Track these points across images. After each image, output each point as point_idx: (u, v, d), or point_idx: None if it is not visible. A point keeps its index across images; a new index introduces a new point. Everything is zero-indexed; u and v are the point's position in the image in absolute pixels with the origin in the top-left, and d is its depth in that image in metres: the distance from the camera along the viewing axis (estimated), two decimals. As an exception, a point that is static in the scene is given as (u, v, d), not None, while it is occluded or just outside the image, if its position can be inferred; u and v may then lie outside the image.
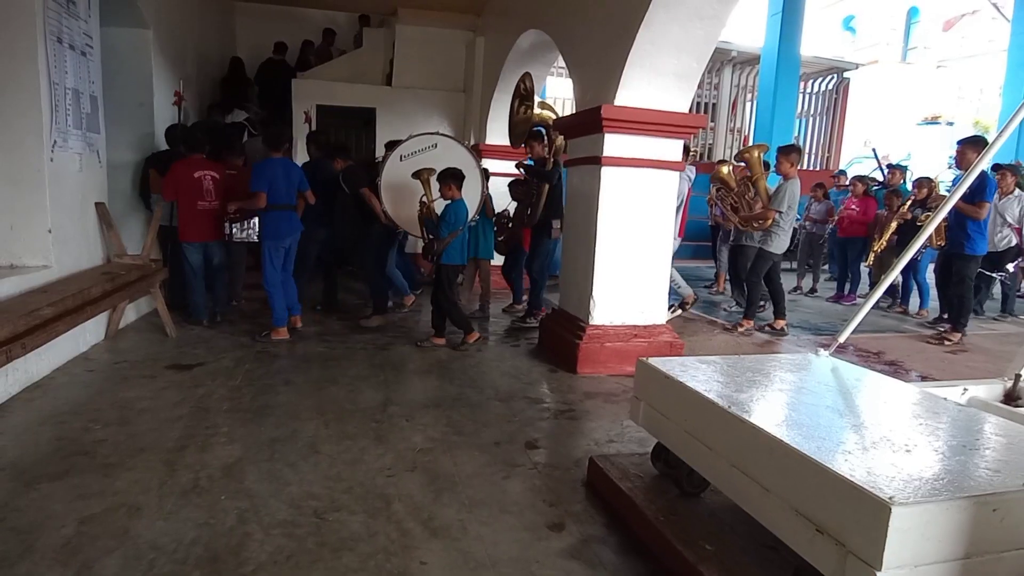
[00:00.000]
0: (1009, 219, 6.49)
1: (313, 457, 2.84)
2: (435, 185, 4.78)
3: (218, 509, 2.36)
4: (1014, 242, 6.52)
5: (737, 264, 6.50)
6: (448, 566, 2.09)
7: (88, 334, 4.26)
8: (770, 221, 5.48)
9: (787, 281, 8.77)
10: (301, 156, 7.29)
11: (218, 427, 3.11)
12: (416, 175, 4.92)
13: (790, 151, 5.59)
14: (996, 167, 6.65)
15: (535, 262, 5.71)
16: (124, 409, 3.30)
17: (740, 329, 5.73)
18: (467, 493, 2.58)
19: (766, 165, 6.10)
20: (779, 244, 5.59)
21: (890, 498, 1.37)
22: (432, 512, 2.41)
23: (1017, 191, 6.52)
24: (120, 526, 2.21)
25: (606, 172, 4.24)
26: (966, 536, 1.43)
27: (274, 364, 4.22)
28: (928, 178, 6.78)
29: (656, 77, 4.12)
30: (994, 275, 6.58)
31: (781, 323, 5.83)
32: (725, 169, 6.09)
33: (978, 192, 5.44)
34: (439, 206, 4.79)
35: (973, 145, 5.30)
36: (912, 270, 6.84)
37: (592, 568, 2.11)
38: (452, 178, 4.65)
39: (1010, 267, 6.60)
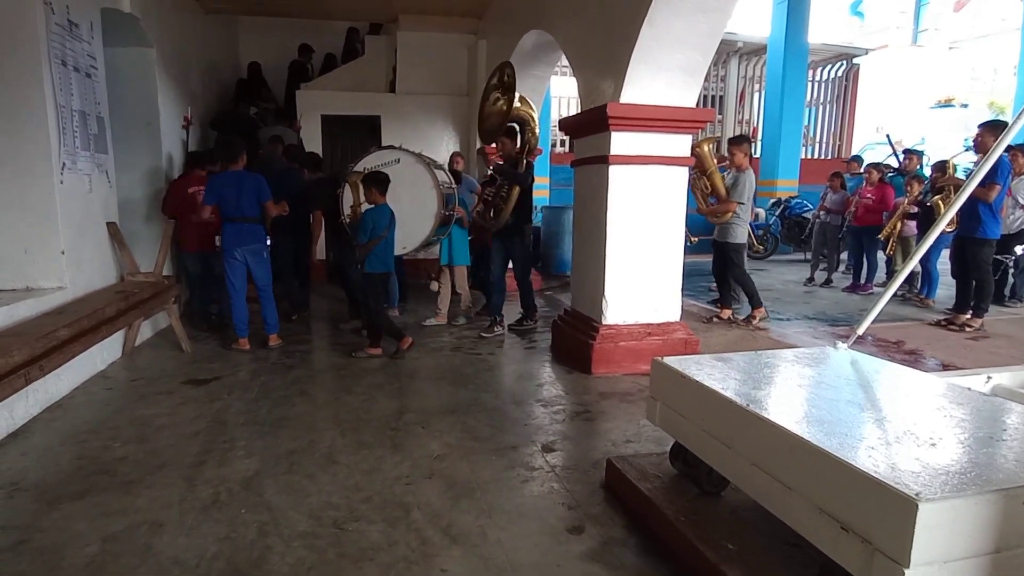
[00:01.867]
0: (1022, 201, 6.26)
1: (331, 467, 2.84)
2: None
3: (238, 523, 2.36)
4: None
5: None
6: (469, 573, 2.07)
7: (105, 352, 4.31)
8: (730, 214, 5.42)
9: (801, 272, 8.73)
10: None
11: (236, 441, 3.13)
12: (344, 178, 4.94)
13: (741, 141, 5.55)
14: (1008, 148, 6.48)
15: (517, 267, 5.54)
16: (143, 426, 3.33)
17: (754, 321, 5.67)
18: (485, 499, 2.56)
19: (720, 159, 6.00)
20: (740, 234, 5.56)
21: (917, 494, 1.34)
22: (451, 519, 2.40)
23: None
24: (143, 543, 2.22)
25: (614, 171, 4.20)
26: (996, 530, 1.39)
27: (289, 375, 4.24)
28: (944, 161, 6.57)
29: (661, 73, 4.07)
30: (1002, 259, 6.38)
31: (728, 312, 5.82)
32: (706, 147, 5.74)
33: (989, 174, 5.30)
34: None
35: (992, 129, 5.21)
36: (924, 257, 6.59)
37: (613, 570, 2.09)
38: (374, 183, 4.60)
39: (1018, 250, 6.36)
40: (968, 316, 5.64)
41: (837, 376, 2.24)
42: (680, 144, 4.37)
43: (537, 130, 5.64)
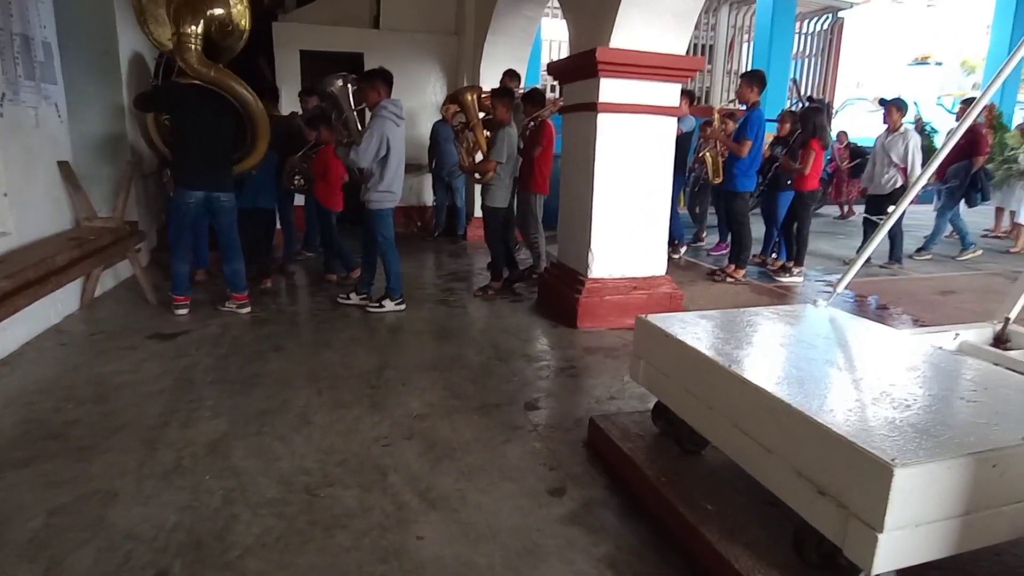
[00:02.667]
0: (895, 158, 5.97)
1: (305, 429, 2.71)
2: None
3: (202, 490, 2.22)
4: (899, 183, 5.94)
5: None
6: (447, 540, 1.99)
7: (60, 304, 4.03)
8: (491, 173, 4.78)
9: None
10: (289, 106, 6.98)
11: (203, 400, 2.96)
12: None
13: (502, 94, 4.86)
14: (882, 101, 6.32)
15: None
16: (100, 385, 3.12)
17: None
18: (466, 460, 2.48)
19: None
20: (500, 197, 4.91)
21: (892, 460, 1.35)
22: (430, 482, 2.31)
23: (904, 127, 6.05)
24: (94, 515, 2.07)
25: (603, 119, 4.04)
26: (966, 493, 1.43)
27: (263, 329, 4.05)
28: (792, 112, 6.25)
29: (653, 16, 3.89)
30: (875, 220, 6.05)
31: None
32: (469, 97, 5.28)
33: (740, 130, 5.37)
34: None
35: (751, 80, 5.37)
36: (772, 221, 6.23)
37: (594, 533, 2.05)
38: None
39: (891, 209, 6.05)
40: (732, 267, 5.70)
41: (816, 334, 2.27)
42: (670, 93, 4.23)
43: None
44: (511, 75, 6.06)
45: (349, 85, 4.73)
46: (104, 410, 2.84)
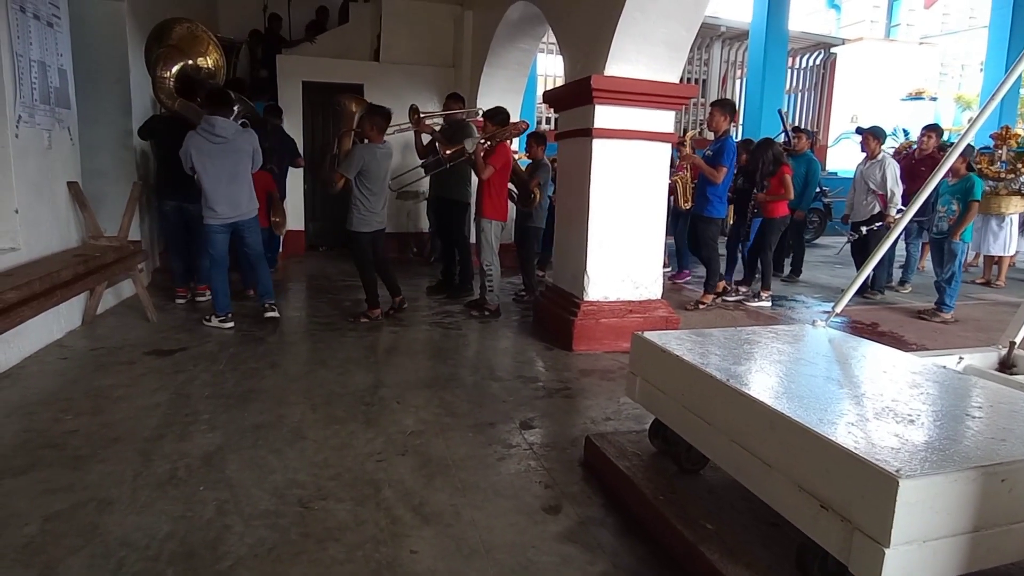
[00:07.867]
0: (872, 185, 6.08)
1: (299, 443, 2.72)
2: None
3: (196, 501, 2.23)
4: (877, 210, 6.07)
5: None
6: (440, 554, 1.98)
7: (63, 320, 4.08)
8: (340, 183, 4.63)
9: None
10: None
11: (199, 414, 2.97)
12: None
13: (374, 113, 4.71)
14: (859, 130, 6.46)
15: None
16: (99, 398, 3.14)
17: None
18: (460, 476, 2.48)
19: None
20: (356, 221, 4.74)
21: (897, 471, 1.31)
22: (424, 497, 2.31)
23: (882, 155, 6.17)
24: (88, 522, 2.07)
25: (597, 144, 4.13)
26: (975, 508, 1.38)
27: (260, 347, 4.07)
28: (747, 142, 6.33)
29: (646, 46, 4.00)
30: (847, 236, 6.29)
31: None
32: (352, 106, 5.00)
33: (716, 157, 5.44)
34: None
35: (721, 107, 5.46)
36: (740, 244, 6.24)
37: (590, 551, 2.02)
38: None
39: (863, 229, 6.08)
40: (702, 294, 5.72)
41: (816, 353, 2.24)
42: (664, 120, 4.33)
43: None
44: (454, 98, 6.19)
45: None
46: (102, 421, 2.86)
